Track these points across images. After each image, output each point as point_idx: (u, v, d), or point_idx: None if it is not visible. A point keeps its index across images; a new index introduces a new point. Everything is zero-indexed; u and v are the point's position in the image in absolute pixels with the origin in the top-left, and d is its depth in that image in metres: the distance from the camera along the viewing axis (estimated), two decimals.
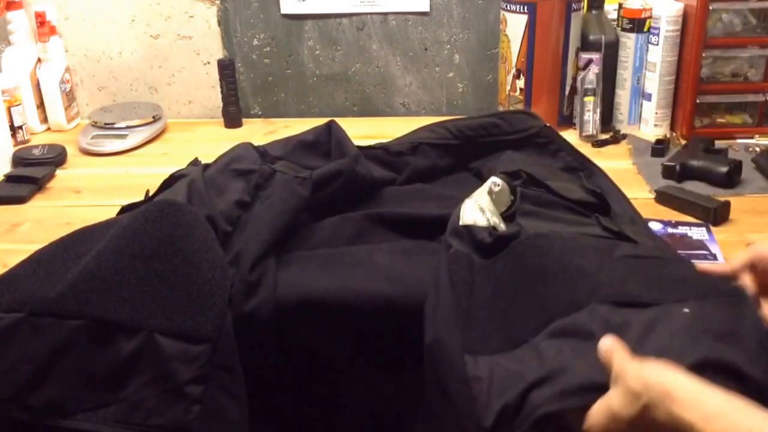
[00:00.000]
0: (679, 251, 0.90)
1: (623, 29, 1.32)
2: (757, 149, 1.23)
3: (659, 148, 1.23)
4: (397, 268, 0.83)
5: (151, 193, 1.01)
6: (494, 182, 0.84)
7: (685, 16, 1.26)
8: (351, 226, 0.93)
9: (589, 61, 1.32)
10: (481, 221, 0.79)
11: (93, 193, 1.17)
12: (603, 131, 1.33)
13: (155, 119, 1.41)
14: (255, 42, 1.47)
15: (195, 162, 1.12)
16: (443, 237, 0.81)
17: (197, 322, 0.75)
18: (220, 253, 0.80)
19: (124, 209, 0.96)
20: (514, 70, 1.35)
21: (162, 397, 0.73)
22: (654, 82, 1.31)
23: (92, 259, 0.75)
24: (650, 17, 1.29)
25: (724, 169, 1.11)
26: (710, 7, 1.22)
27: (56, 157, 1.26)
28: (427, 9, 1.44)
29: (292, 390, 0.86)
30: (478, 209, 0.80)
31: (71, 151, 1.32)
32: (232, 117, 1.47)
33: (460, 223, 0.79)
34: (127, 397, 0.73)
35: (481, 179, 0.97)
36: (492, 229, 0.78)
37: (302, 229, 0.93)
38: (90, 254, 0.76)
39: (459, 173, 1.07)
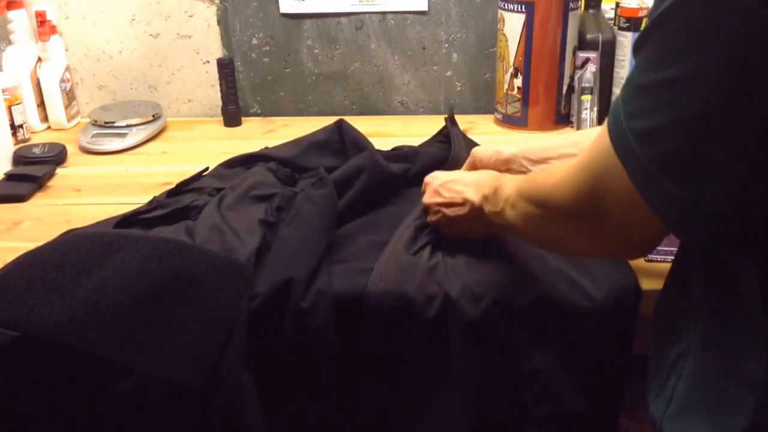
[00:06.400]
0: (672, 247, 0.91)
1: (620, 28, 1.32)
2: None
3: None
4: None
5: (156, 200, 1.01)
6: None
7: None
8: None
9: (587, 60, 1.33)
10: None
11: (93, 191, 1.18)
12: None
13: (155, 118, 1.42)
14: (254, 41, 1.48)
15: (204, 171, 1.12)
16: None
17: (187, 370, 0.74)
18: (222, 300, 0.79)
19: (126, 218, 0.96)
20: (511, 69, 1.36)
21: None
22: None
23: (94, 291, 0.75)
24: (647, 16, 1.30)
25: None
26: None
27: (56, 156, 1.26)
28: (425, 8, 1.44)
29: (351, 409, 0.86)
30: None
31: (71, 149, 1.32)
32: (232, 116, 1.47)
33: None
34: None
35: None
36: None
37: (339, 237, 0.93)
38: (91, 281, 0.75)
39: None
